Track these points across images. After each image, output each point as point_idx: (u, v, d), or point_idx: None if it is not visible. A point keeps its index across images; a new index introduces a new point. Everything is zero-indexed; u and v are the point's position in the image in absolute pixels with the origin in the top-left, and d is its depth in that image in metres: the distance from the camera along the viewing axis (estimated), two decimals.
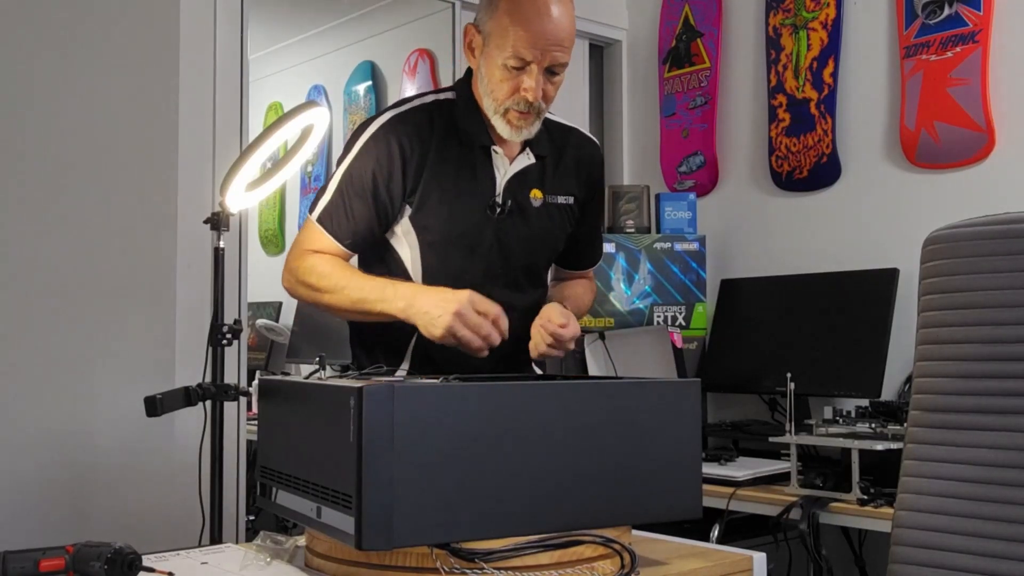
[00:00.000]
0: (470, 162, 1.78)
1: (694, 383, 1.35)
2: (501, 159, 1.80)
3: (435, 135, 1.77)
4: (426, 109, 1.80)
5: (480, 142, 1.78)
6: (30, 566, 1.10)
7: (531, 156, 1.82)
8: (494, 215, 1.78)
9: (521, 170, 1.81)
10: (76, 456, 2.37)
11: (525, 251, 1.84)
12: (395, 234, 1.80)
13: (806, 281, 2.87)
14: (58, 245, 2.43)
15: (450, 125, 1.79)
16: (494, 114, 1.74)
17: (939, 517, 1.43)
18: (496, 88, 1.72)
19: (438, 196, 1.76)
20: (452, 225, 1.76)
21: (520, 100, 1.71)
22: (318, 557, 1.26)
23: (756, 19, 3.20)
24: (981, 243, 1.44)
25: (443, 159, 1.76)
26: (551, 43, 1.67)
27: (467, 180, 1.77)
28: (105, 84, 2.48)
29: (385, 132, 1.76)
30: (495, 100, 1.73)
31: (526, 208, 1.82)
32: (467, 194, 1.77)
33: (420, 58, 3.62)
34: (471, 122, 1.78)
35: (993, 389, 1.40)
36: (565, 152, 1.89)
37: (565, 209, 1.88)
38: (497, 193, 1.79)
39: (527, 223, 1.82)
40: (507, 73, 1.70)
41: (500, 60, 1.69)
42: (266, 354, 4.09)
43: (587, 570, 1.20)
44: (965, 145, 2.65)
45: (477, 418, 1.16)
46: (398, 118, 1.78)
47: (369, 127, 1.78)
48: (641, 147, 3.57)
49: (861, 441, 2.14)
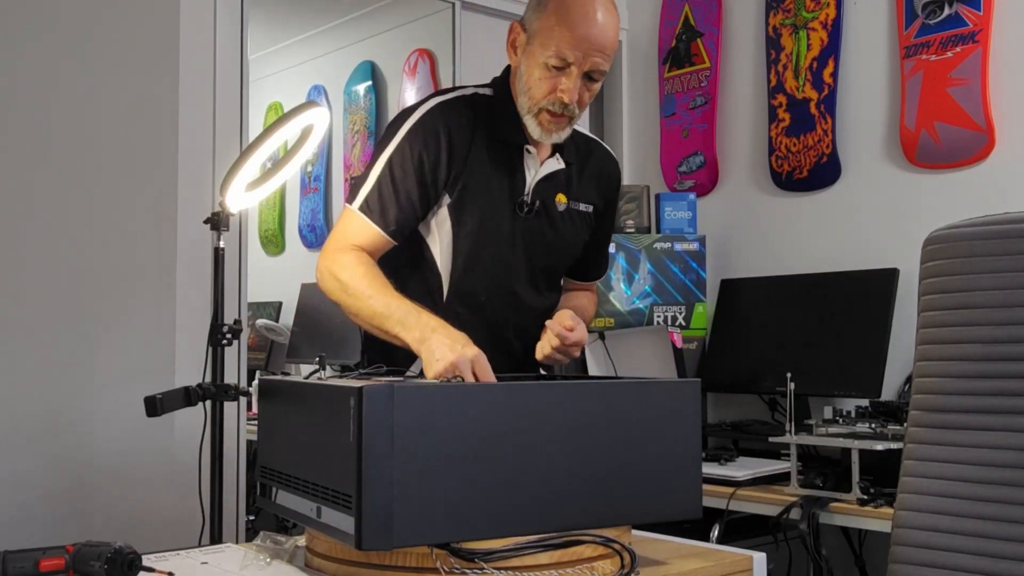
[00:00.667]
0: (506, 158, 1.79)
1: (694, 383, 1.35)
2: (533, 159, 1.82)
3: (477, 127, 1.78)
4: (468, 100, 1.81)
5: (515, 140, 1.80)
6: (30, 566, 1.10)
7: (560, 161, 1.84)
8: (522, 214, 1.80)
9: (550, 173, 1.83)
10: (76, 456, 2.37)
11: (547, 253, 1.85)
12: (428, 225, 1.80)
13: (806, 281, 2.87)
14: (58, 245, 2.43)
15: (488, 120, 1.80)
16: (527, 113, 1.75)
17: (939, 517, 1.43)
18: (534, 87, 1.73)
19: (475, 188, 1.77)
20: (485, 219, 1.77)
21: (555, 101, 1.72)
22: (318, 557, 1.26)
23: (756, 19, 3.20)
24: (981, 243, 1.44)
25: (483, 151, 1.77)
26: (594, 47, 1.69)
27: (501, 176, 1.79)
28: (105, 84, 2.48)
29: (432, 117, 1.75)
30: (531, 99, 1.74)
31: (551, 211, 1.84)
32: (499, 190, 1.79)
33: (420, 58, 3.62)
34: (507, 119, 1.80)
35: (993, 389, 1.40)
36: (588, 162, 1.91)
37: (585, 217, 1.90)
38: (526, 192, 1.81)
39: (552, 226, 1.84)
40: (547, 72, 1.71)
41: (542, 59, 1.71)
42: (266, 354, 4.09)
43: (587, 570, 1.20)
44: (965, 145, 2.65)
45: (477, 418, 1.16)
46: (446, 104, 1.78)
47: (415, 113, 1.77)
48: (641, 147, 3.57)
49: (861, 441, 2.14)
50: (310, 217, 4.22)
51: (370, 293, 1.65)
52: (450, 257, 1.79)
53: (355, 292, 1.67)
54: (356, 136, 4.00)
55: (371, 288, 1.66)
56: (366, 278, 1.67)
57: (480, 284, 1.80)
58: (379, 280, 1.67)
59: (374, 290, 1.65)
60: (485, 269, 1.79)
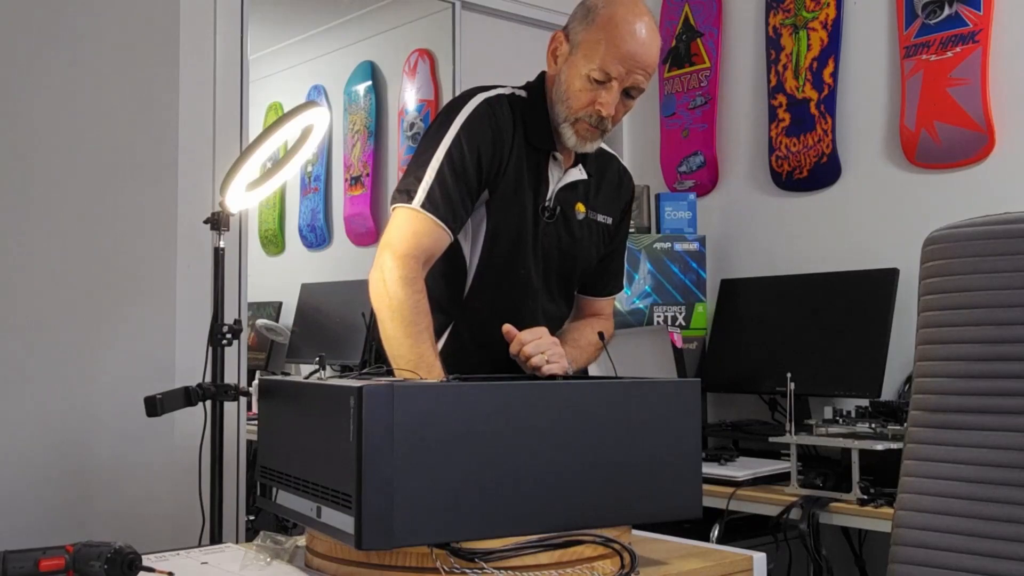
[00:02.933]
0: (534, 163, 1.82)
1: (694, 383, 1.35)
2: (558, 167, 1.84)
3: (516, 128, 1.81)
4: (507, 99, 1.83)
5: (545, 146, 1.82)
6: (30, 566, 1.10)
7: (583, 172, 1.87)
8: (543, 218, 1.82)
9: (572, 182, 1.86)
10: (76, 456, 2.37)
11: (562, 260, 1.87)
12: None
13: (806, 281, 2.87)
14: (58, 245, 2.42)
15: (523, 123, 1.82)
16: (564, 121, 1.78)
17: (939, 517, 1.43)
18: (573, 97, 1.75)
19: (508, 189, 1.79)
20: (513, 219, 1.80)
21: (593, 113, 1.74)
22: (318, 557, 1.26)
23: (756, 19, 3.20)
24: (981, 243, 1.44)
25: (519, 152, 1.80)
26: (638, 65, 1.73)
27: (529, 180, 1.81)
28: (105, 84, 2.48)
29: (485, 114, 1.77)
30: (569, 108, 1.76)
31: (571, 219, 1.86)
32: (526, 192, 1.81)
33: (420, 58, 3.62)
34: (540, 125, 1.82)
35: (993, 389, 1.40)
36: (607, 176, 1.94)
37: (603, 228, 1.93)
38: (549, 198, 1.83)
39: (570, 233, 1.86)
40: (588, 84, 1.74)
41: (585, 71, 1.73)
42: (266, 354, 4.09)
43: (587, 570, 1.20)
44: (965, 145, 2.65)
45: (477, 418, 1.16)
46: (490, 101, 1.80)
47: (464, 108, 1.77)
48: (641, 147, 3.57)
49: (861, 441, 2.14)
50: (310, 217, 4.22)
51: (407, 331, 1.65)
52: (479, 256, 1.81)
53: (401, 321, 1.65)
54: (356, 136, 4.00)
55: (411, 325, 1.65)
56: (418, 314, 1.66)
57: (500, 286, 1.82)
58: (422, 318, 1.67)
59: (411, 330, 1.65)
60: (506, 271, 1.81)
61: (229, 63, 2.55)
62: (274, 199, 4.41)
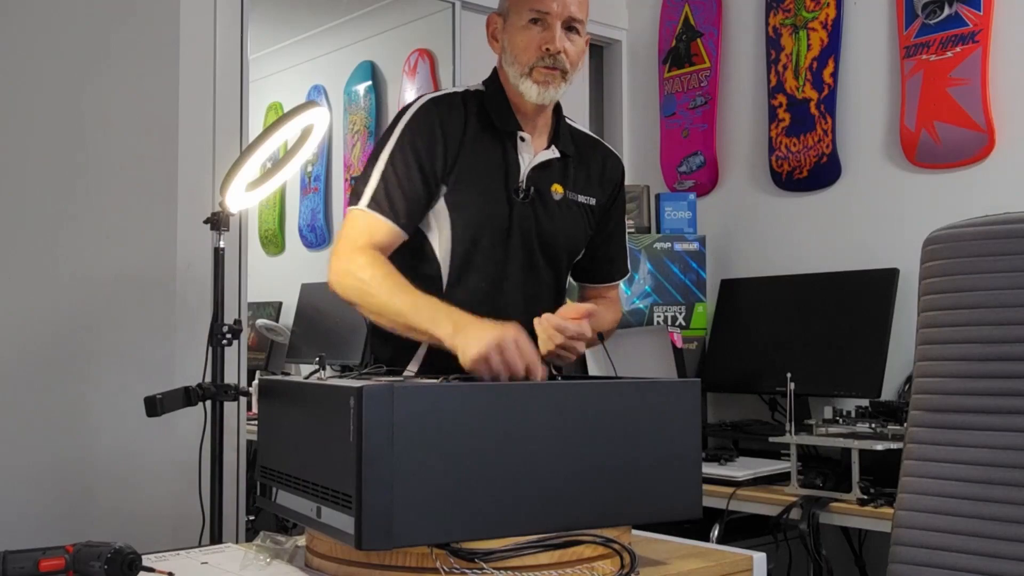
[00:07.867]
0: (499, 145, 1.82)
1: (694, 383, 1.35)
2: (527, 147, 1.84)
3: (469, 118, 1.82)
4: (460, 96, 1.85)
5: (508, 127, 1.83)
6: (30, 566, 1.10)
7: (555, 151, 1.86)
8: (518, 199, 1.81)
9: (545, 162, 1.85)
10: (76, 456, 2.37)
11: (546, 242, 1.86)
12: (427, 220, 1.81)
13: (806, 281, 2.87)
14: (58, 245, 2.42)
15: (481, 111, 1.84)
16: (521, 77, 1.79)
17: (939, 517, 1.43)
18: (520, 51, 1.78)
19: (470, 177, 1.79)
20: (483, 206, 1.79)
21: (543, 55, 1.76)
22: (318, 557, 1.26)
23: (756, 19, 3.20)
24: (981, 243, 1.44)
25: (476, 141, 1.81)
26: None
27: (496, 163, 1.81)
28: (105, 84, 2.48)
29: (425, 112, 1.80)
30: (520, 63, 1.78)
31: (547, 199, 1.85)
32: (494, 178, 1.81)
33: (420, 58, 3.62)
34: (500, 108, 1.83)
35: (993, 389, 1.40)
36: (591, 160, 1.93)
37: (586, 208, 1.91)
38: (521, 179, 1.82)
39: (548, 214, 1.85)
40: (528, 33, 1.77)
41: (520, 23, 1.77)
42: (266, 354, 4.09)
43: (587, 570, 1.20)
44: (965, 145, 2.65)
45: (477, 418, 1.16)
46: (435, 100, 1.83)
47: (407, 112, 1.81)
48: (641, 147, 3.57)
49: (861, 441, 2.14)
50: (310, 217, 4.22)
51: (395, 291, 1.65)
52: (449, 247, 1.80)
53: (378, 291, 1.66)
54: (356, 136, 4.00)
55: (395, 286, 1.65)
56: (389, 277, 1.67)
57: (478, 273, 1.80)
58: (401, 279, 1.67)
59: (398, 288, 1.65)
60: (483, 257, 1.79)
61: (229, 63, 2.55)
62: (274, 199, 4.41)
